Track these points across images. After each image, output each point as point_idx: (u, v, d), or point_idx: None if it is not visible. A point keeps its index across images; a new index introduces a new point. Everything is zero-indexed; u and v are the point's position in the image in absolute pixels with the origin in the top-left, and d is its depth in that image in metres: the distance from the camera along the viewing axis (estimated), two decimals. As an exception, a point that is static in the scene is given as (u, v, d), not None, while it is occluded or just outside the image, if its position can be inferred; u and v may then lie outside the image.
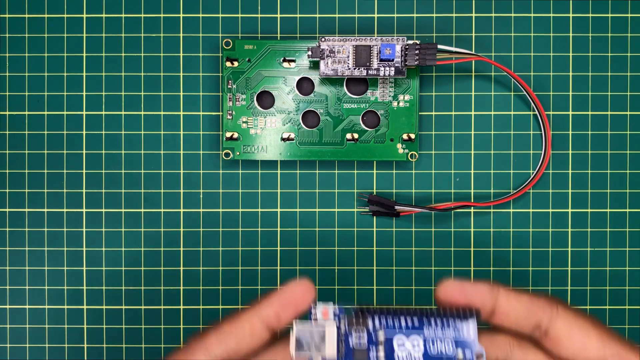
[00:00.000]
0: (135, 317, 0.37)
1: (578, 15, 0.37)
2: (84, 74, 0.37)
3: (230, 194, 0.37)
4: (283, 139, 0.36)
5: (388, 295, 0.37)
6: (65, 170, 0.37)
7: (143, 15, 0.37)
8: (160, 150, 0.37)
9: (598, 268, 0.37)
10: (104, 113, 0.37)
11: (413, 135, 0.36)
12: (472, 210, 0.37)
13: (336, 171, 0.37)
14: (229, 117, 0.36)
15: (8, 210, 0.37)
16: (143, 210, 0.37)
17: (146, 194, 0.37)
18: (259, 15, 0.37)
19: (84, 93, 0.37)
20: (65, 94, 0.37)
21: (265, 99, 0.36)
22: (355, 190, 0.37)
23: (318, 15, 0.37)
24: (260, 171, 0.37)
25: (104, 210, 0.37)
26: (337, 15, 0.37)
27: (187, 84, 0.37)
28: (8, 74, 0.37)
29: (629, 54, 0.37)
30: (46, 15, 0.37)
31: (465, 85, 0.37)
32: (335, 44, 0.34)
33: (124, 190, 0.37)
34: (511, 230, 0.37)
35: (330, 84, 0.36)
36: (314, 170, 0.37)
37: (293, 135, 0.36)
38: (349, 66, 0.34)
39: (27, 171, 0.37)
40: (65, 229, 0.37)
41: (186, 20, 0.37)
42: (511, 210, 0.37)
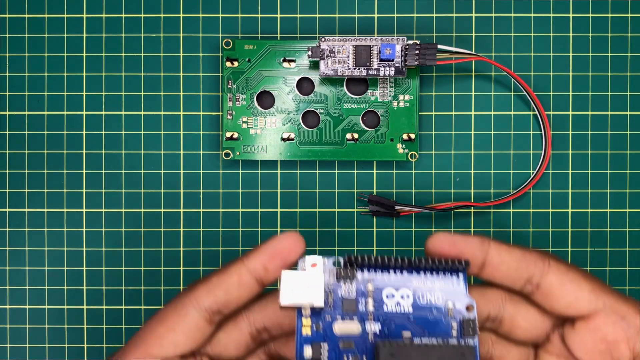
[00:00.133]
0: (135, 317, 0.37)
1: (578, 15, 0.37)
2: (84, 74, 0.37)
3: (230, 194, 0.37)
4: (283, 139, 0.36)
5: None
6: (65, 170, 0.37)
7: (143, 15, 0.37)
8: (160, 150, 0.37)
9: (598, 268, 0.37)
10: (104, 113, 0.37)
11: (413, 135, 0.36)
12: (472, 210, 0.37)
13: (336, 171, 0.37)
14: (229, 117, 0.36)
15: (8, 210, 0.37)
16: (143, 210, 0.37)
17: (146, 194, 0.37)
18: (259, 15, 0.37)
19: (84, 93, 0.37)
20: (65, 94, 0.37)
21: (265, 99, 0.36)
22: (355, 190, 0.37)
23: (318, 15, 0.37)
24: (260, 171, 0.37)
25: (104, 210, 0.37)
26: (337, 15, 0.37)
27: (187, 84, 0.37)
28: (8, 74, 0.37)
29: (629, 54, 0.37)
30: (46, 15, 0.37)
31: (465, 85, 0.37)
32: (335, 44, 0.34)
33: (124, 190, 0.37)
34: (511, 230, 0.37)
35: (330, 84, 0.36)
36: (314, 170, 0.37)
37: (293, 135, 0.36)
38: (349, 66, 0.34)
39: (27, 171, 0.37)
40: (65, 229, 0.37)
41: (186, 20, 0.37)
42: (511, 210, 0.37)
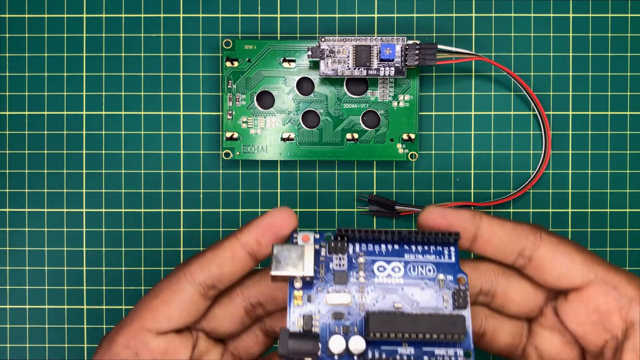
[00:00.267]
0: (135, 317, 0.37)
1: (578, 15, 0.37)
2: (84, 74, 0.37)
3: (230, 194, 0.37)
4: (283, 139, 0.36)
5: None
6: (65, 170, 0.37)
7: (143, 15, 0.37)
8: (160, 150, 0.37)
9: (598, 268, 0.37)
10: (104, 113, 0.37)
11: (413, 135, 0.36)
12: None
13: (336, 171, 0.37)
14: (229, 117, 0.36)
15: (8, 210, 0.37)
16: (143, 210, 0.37)
17: (146, 194, 0.37)
18: (259, 15, 0.37)
19: (84, 93, 0.37)
20: (65, 94, 0.37)
21: (265, 99, 0.36)
22: (355, 190, 0.37)
23: (318, 15, 0.37)
24: (260, 171, 0.37)
25: (104, 210, 0.37)
26: (337, 15, 0.37)
27: (187, 84, 0.37)
28: (8, 74, 0.37)
29: (629, 54, 0.37)
30: (46, 15, 0.37)
31: (465, 85, 0.37)
32: (335, 44, 0.34)
33: (124, 190, 0.37)
34: (511, 230, 0.37)
35: (330, 84, 0.36)
36: (314, 170, 0.37)
37: (293, 135, 0.36)
38: (349, 66, 0.34)
39: (27, 171, 0.37)
40: (65, 229, 0.37)
41: (186, 20, 0.37)
42: (511, 210, 0.37)
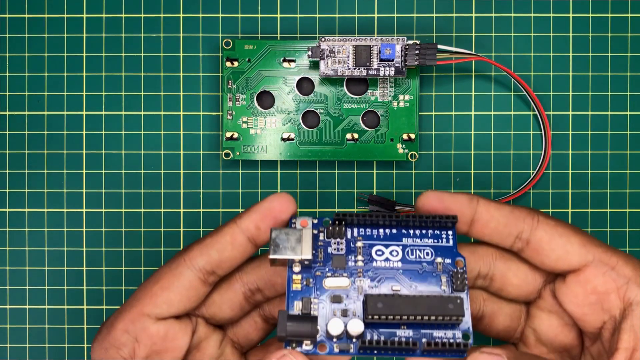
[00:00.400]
0: (135, 317, 0.37)
1: (578, 15, 0.37)
2: (84, 74, 0.37)
3: (230, 194, 0.37)
4: (283, 139, 0.36)
5: (388, 295, 0.37)
6: (65, 170, 0.37)
7: (143, 15, 0.37)
8: (160, 150, 0.37)
9: (598, 268, 0.37)
10: (104, 113, 0.37)
11: (413, 135, 0.36)
12: (472, 210, 0.37)
13: (336, 171, 0.37)
14: (229, 117, 0.36)
15: (8, 210, 0.37)
16: (143, 210, 0.37)
17: (146, 194, 0.37)
18: (259, 15, 0.37)
19: (84, 93, 0.37)
20: (65, 94, 0.37)
21: (265, 99, 0.36)
22: (355, 190, 0.37)
23: (318, 15, 0.37)
24: (260, 171, 0.37)
25: (104, 210, 0.37)
26: (337, 15, 0.37)
27: (187, 84, 0.37)
28: (8, 74, 0.37)
29: (629, 54, 0.37)
30: (46, 15, 0.37)
31: (465, 85, 0.37)
32: (335, 44, 0.34)
33: (124, 190, 0.37)
34: (511, 230, 0.37)
35: (330, 84, 0.36)
36: (314, 170, 0.37)
37: (293, 135, 0.36)
38: (349, 66, 0.34)
39: (27, 171, 0.37)
40: (65, 229, 0.37)
41: (186, 20, 0.37)
42: (511, 210, 0.37)
